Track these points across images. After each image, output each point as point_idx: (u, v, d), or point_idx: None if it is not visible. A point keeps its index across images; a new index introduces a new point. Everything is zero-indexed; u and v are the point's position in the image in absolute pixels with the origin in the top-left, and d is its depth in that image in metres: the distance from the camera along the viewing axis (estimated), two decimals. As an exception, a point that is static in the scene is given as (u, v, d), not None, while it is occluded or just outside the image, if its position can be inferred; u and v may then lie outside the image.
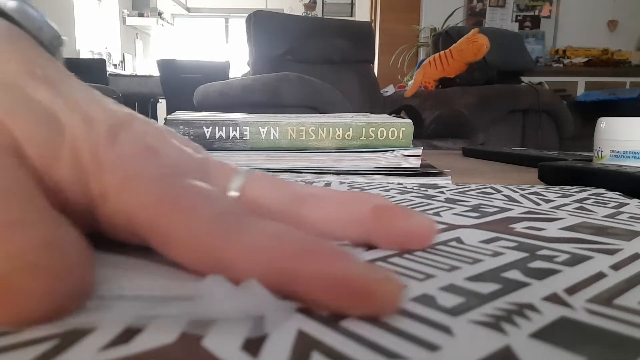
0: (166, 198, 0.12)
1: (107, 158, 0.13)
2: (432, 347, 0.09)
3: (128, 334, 0.09)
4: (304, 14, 3.64)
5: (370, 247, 0.15)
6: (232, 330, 0.09)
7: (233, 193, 0.15)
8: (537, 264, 0.14)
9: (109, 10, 4.06)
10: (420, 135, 1.69)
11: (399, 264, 0.14)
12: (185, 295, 0.11)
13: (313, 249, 0.11)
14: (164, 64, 2.47)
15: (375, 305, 0.10)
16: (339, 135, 0.36)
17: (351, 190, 0.22)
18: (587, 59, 3.13)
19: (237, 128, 0.36)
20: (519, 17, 3.26)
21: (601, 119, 0.43)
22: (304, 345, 0.09)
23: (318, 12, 4.19)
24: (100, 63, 2.74)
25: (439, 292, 0.11)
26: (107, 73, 2.84)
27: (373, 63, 2.11)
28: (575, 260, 0.14)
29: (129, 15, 4.25)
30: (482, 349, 0.09)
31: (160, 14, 4.48)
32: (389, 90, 2.15)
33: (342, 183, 0.31)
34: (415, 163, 0.36)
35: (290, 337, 0.09)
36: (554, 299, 0.11)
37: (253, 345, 0.09)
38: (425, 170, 0.36)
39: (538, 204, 0.24)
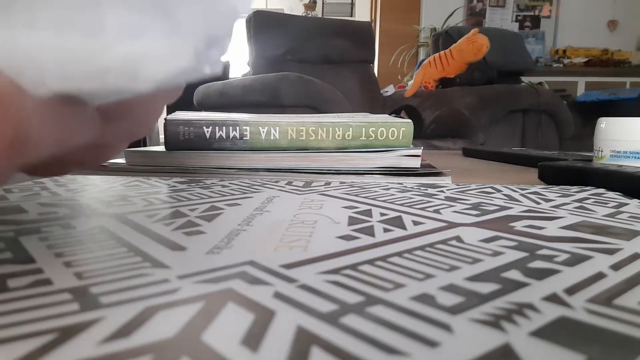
0: None
1: None
2: (431, 343, 0.09)
3: (128, 328, 0.09)
4: (304, 14, 3.64)
5: (370, 246, 0.15)
6: (232, 325, 0.09)
7: None
8: (537, 264, 0.14)
9: (109, 10, 4.06)
10: (420, 135, 1.69)
11: (399, 263, 0.14)
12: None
13: None
14: (164, 64, 2.46)
15: None
16: (339, 135, 0.37)
17: None
18: (587, 59, 3.13)
19: (237, 128, 0.36)
20: (519, 17, 3.26)
21: (601, 119, 0.43)
22: (303, 341, 0.09)
23: (318, 12, 4.19)
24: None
25: (439, 292, 0.11)
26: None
27: (373, 63, 2.12)
28: (575, 260, 0.14)
29: (129, 15, 4.24)
30: (481, 346, 0.09)
31: (160, 14, 4.46)
32: (389, 90, 2.16)
33: (342, 183, 0.31)
34: (415, 163, 0.36)
35: (290, 332, 0.09)
36: (553, 298, 0.11)
37: (253, 340, 0.09)
38: (425, 170, 0.36)
39: (538, 203, 0.24)
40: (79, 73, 0.10)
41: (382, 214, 0.21)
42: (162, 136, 0.37)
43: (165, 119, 0.36)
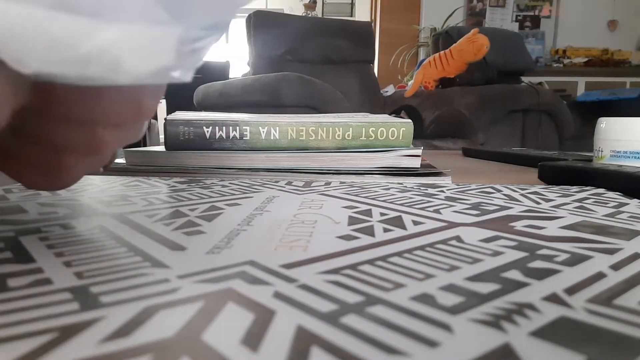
0: None
1: None
2: (431, 343, 0.09)
3: (128, 327, 0.09)
4: (304, 14, 3.64)
5: (369, 246, 0.15)
6: (232, 324, 0.09)
7: None
8: (537, 264, 0.14)
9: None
10: (420, 135, 1.69)
11: (398, 263, 0.14)
12: None
13: None
14: (164, 64, 2.46)
15: None
16: (339, 135, 0.37)
17: None
18: (587, 59, 3.13)
19: (237, 128, 0.36)
20: (519, 17, 3.26)
21: (601, 119, 0.43)
22: (303, 341, 0.09)
23: (318, 12, 4.19)
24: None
25: (439, 292, 0.11)
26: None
27: (373, 63, 2.11)
28: (575, 259, 0.14)
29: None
30: (482, 346, 0.09)
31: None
32: (389, 90, 2.16)
33: (342, 183, 0.31)
34: (415, 163, 0.36)
35: (290, 332, 0.09)
36: (553, 299, 0.11)
37: (253, 339, 0.09)
38: (425, 170, 0.36)
39: (538, 203, 0.24)
40: (61, 58, 0.10)
41: (382, 214, 0.21)
42: (162, 136, 0.37)
43: (165, 119, 0.37)
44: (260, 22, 1.86)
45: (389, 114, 0.58)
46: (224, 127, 0.36)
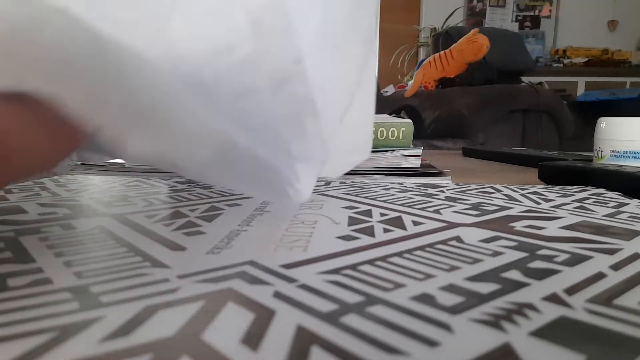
0: None
1: None
2: (431, 343, 0.09)
3: (128, 327, 0.09)
4: (304, 14, 3.62)
5: (368, 246, 0.15)
6: (232, 324, 0.09)
7: None
8: (537, 264, 0.14)
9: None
10: (420, 135, 1.69)
11: (398, 263, 0.14)
12: None
13: None
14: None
15: None
16: (339, 135, 0.36)
17: None
18: (587, 59, 3.12)
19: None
20: (519, 17, 3.26)
21: (601, 119, 0.43)
22: (303, 340, 0.09)
23: (318, 12, 4.17)
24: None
25: (439, 292, 0.11)
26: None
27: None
28: (575, 260, 0.14)
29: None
30: (481, 345, 0.09)
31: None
32: (389, 90, 2.15)
33: (342, 183, 0.31)
34: (415, 163, 0.36)
35: (290, 332, 0.09)
36: (553, 299, 0.11)
37: (253, 339, 0.09)
38: (425, 170, 0.36)
39: (538, 203, 0.24)
40: None
41: (382, 214, 0.21)
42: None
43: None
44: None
45: (389, 114, 0.57)
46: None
